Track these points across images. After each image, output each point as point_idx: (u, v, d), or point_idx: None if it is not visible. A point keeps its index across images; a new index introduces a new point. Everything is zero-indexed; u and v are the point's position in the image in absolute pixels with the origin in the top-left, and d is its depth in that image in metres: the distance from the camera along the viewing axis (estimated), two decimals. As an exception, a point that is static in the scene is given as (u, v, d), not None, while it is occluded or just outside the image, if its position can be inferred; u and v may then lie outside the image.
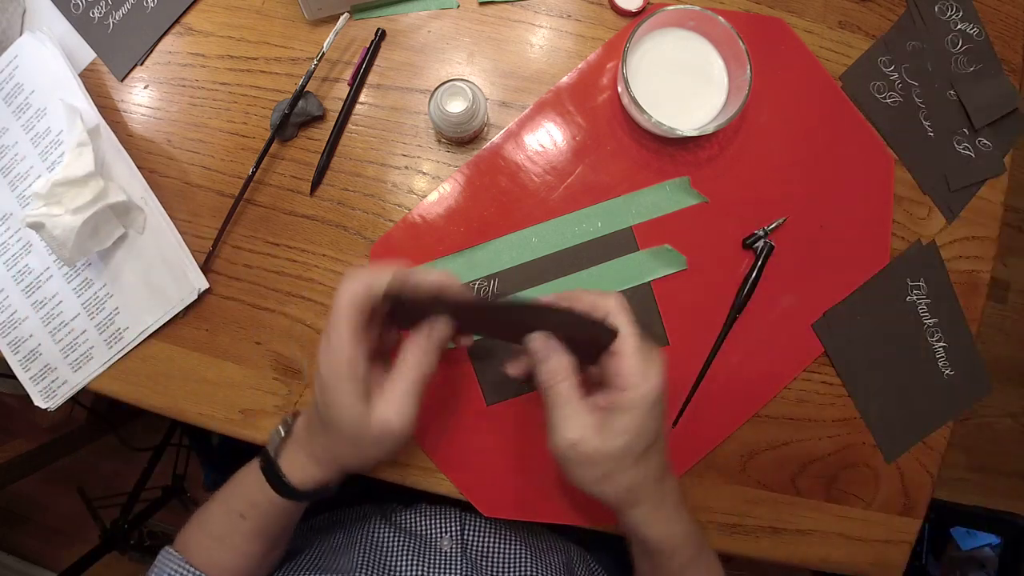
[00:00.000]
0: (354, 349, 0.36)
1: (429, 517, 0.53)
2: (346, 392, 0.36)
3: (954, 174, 0.55)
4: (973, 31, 0.56)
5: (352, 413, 0.36)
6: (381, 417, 0.36)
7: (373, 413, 0.36)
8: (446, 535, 0.52)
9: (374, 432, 0.37)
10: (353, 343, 0.36)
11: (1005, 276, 1.41)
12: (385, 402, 0.37)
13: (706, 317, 0.52)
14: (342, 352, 0.36)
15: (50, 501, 1.34)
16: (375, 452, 0.38)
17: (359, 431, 0.37)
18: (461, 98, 0.47)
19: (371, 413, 0.36)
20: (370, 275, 0.37)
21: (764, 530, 0.52)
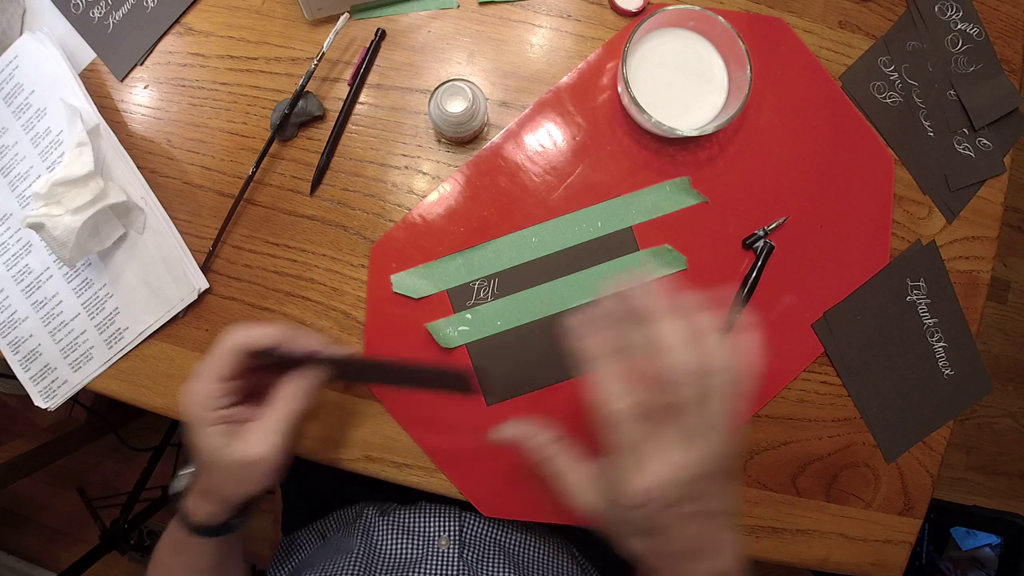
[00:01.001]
0: (216, 392, 0.38)
1: (428, 515, 0.53)
2: (207, 432, 0.38)
3: (954, 174, 0.55)
4: (973, 31, 0.56)
5: (212, 446, 0.38)
6: (245, 450, 0.38)
7: (238, 446, 0.38)
8: (444, 534, 0.52)
9: (241, 462, 0.38)
10: (216, 387, 0.38)
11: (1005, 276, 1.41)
12: (248, 433, 0.38)
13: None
14: (204, 395, 0.38)
15: (50, 501, 1.33)
16: (248, 482, 0.40)
17: (223, 460, 0.38)
18: (461, 98, 0.47)
19: (236, 447, 0.38)
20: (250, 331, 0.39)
21: (764, 530, 0.52)
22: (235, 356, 0.38)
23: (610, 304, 0.34)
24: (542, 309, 0.51)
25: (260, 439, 0.38)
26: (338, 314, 0.52)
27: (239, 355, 0.38)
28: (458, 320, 0.51)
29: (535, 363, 0.51)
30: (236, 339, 0.39)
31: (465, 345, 0.51)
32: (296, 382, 0.40)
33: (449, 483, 0.50)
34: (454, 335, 0.50)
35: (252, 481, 0.39)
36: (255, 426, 0.39)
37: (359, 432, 0.51)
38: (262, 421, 0.39)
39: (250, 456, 0.38)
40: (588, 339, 0.34)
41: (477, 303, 0.51)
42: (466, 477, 0.50)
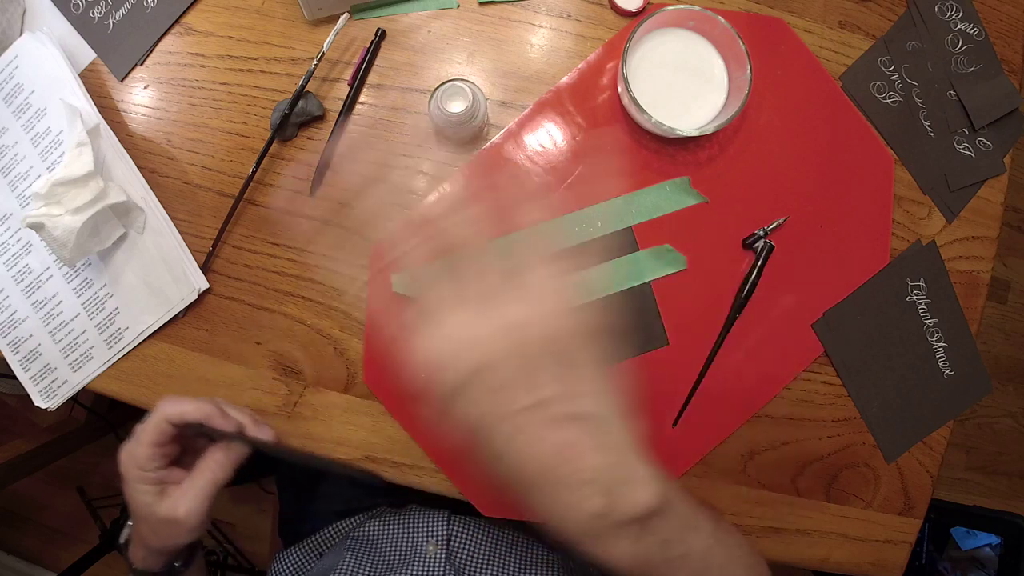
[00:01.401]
0: (149, 456, 0.42)
1: (417, 519, 0.53)
2: (139, 489, 0.42)
3: (954, 174, 0.55)
4: (973, 31, 0.56)
5: (143, 506, 0.42)
6: (169, 509, 0.42)
7: (163, 504, 0.42)
8: (432, 539, 0.52)
9: (165, 519, 0.42)
10: (149, 451, 0.42)
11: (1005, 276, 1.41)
12: (176, 497, 0.42)
13: (706, 317, 0.52)
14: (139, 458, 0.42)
15: (50, 501, 1.33)
16: (170, 536, 0.43)
17: (152, 519, 0.42)
18: (461, 98, 0.47)
19: (161, 504, 0.42)
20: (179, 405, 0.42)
21: (764, 530, 0.52)
22: (164, 427, 0.42)
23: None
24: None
25: (182, 503, 0.42)
26: (338, 314, 0.52)
27: (168, 426, 0.42)
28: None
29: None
30: (165, 411, 0.42)
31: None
32: (218, 455, 0.44)
33: (449, 483, 0.50)
34: (454, 335, 0.50)
35: (174, 536, 0.43)
36: (179, 490, 0.42)
37: (359, 432, 0.51)
38: (186, 486, 0.43)
39: (172, 516, 0.42)
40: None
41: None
42: (466, 477, 0.50)
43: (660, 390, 0.51)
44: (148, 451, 0.42)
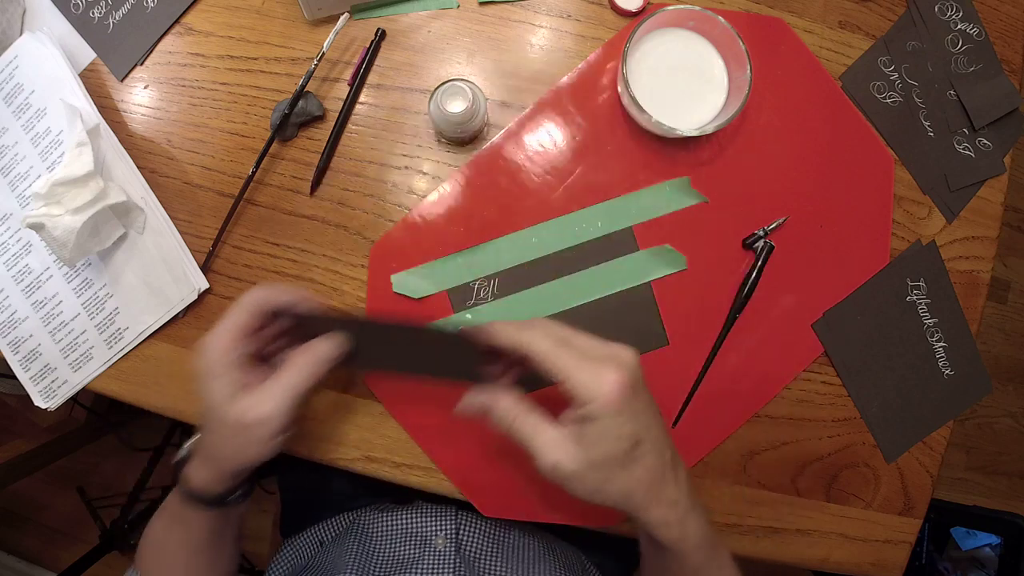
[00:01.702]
0: (227, 339, 0.38)
1: (425, 515, 0.53)
2: (218, 383, 0.38)
3: (954, 174, 0.55)
4: (973, 31, 0.56)
5: (221, 403, 0.38)
6: (253, 404, 0.38)
7: (240, 401, 0.38)
8: (441, 533, 0.52)
9: (245, 418, 0.38)
10: (228, 338, 0.38)
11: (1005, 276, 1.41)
12: (258, 394, 0.38)
13: (706, 317, 0.52)
14: (218, 348, 0.38)
15: (50, 501, 1.33)
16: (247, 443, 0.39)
17: (229, 421, 0.38)
18: (461, 98, 0.47)
19: (241, 404, 0.38)
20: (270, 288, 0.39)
21: (764, 530, 0.52)
22: (253, 312, 0.38)
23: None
24: (542, 309, 0.51)
25: (267, 398, 0.38)
26: (338, 314, 0.52)
27: (257, 311, 0.39)
28: (458, 320, 0.51)
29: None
30: (256, 295, 0.39)
31: (465, 345, 0.51)
32: (310, 352, 0.40)
33: (449, 483, 0.50)
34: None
35: (252, 444, 0.39)
36: (263, 387, 0.38)
37: (359, 432, 0.51)
38: (271, 382, 0.39)
39: (254, 415, 0.38)
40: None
41: (477, 303, 0.51)
42: (466, 477, 0.50)
43: (660, 390, 0.51)
44: (229, 338, 0.38)
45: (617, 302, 0.51)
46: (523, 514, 0.50)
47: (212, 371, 0.38)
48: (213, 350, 0.38)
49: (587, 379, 0.35)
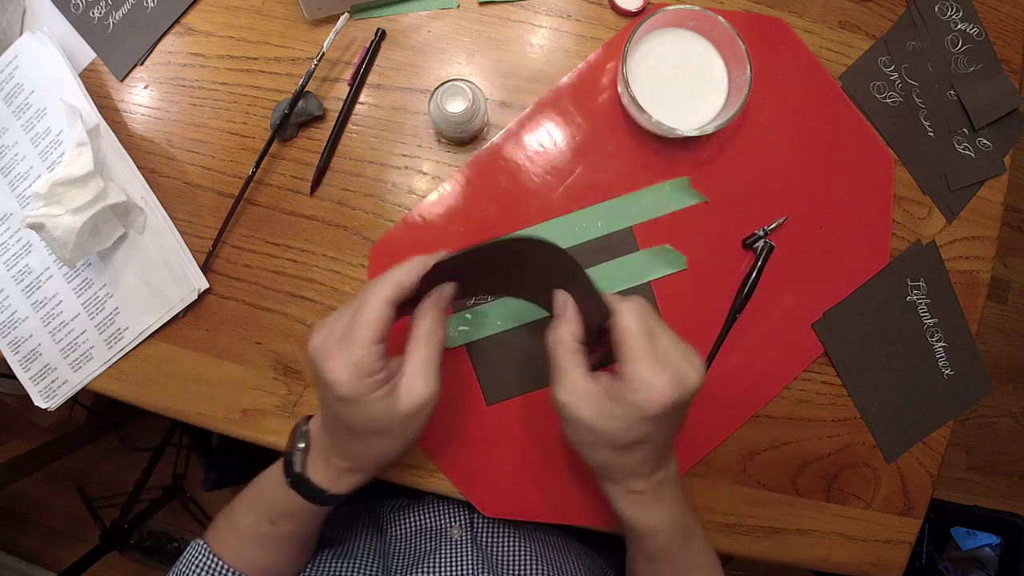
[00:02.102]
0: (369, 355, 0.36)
1: (437, 509, 0.54)
2: (376, 401, 0.36)
3: (954, 174, 0.55)
4: (973, 31, 0.56)
5: (384, 415, 0.37)
6: (409, 396, 0.37)
7: (401, 401, 0.37)
8: (456, 524, 0.52)
9: (409, 413, 0.37)
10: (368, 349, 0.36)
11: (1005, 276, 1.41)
12: (411, 384, 0.37)
13: (706, 317, 0.52)
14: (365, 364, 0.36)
15: (50, 501, 1.33)
16: (417, 430, 0.39)
17: (393, 420, 0.37)
18: (461, 98, 0.47)
19: (399, 396, 0.37)
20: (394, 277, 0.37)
21: (764, 530, 0.52)
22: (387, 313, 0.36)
23: None
24: (542, 309, 0.51)
25: (423, 380, 0.37)
26: (338, 314, 0.52)
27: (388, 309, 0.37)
28: (458, 320, 0.51)
29: (535, 363, 0.51)
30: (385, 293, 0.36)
31: (465, 345, 0.51)
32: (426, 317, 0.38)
33: (449, 483, 0.50)
34: (454, 335, 0.50)
35: (420, 427, 0.39)
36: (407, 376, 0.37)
37: (359, 432, 0.51)
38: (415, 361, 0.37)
39: (424, 397, 0.37)
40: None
41: (477, 303, 0.51)
42: (466, 477, 0.50)
43: (660, 390, 0.51)
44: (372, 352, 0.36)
45: (617, 302, 0.51)
46: (523, 514, 0.50)
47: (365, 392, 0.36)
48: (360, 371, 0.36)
49: (646, 376, 0.36)
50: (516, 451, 0.51)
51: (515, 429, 0.51)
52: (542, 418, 0.51)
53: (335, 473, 0.41)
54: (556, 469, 0.51)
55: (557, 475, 0.50)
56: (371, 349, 0.36)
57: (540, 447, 0.51)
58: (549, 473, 0.50)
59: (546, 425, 0.51)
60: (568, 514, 0.50)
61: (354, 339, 0.36)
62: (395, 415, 0.37)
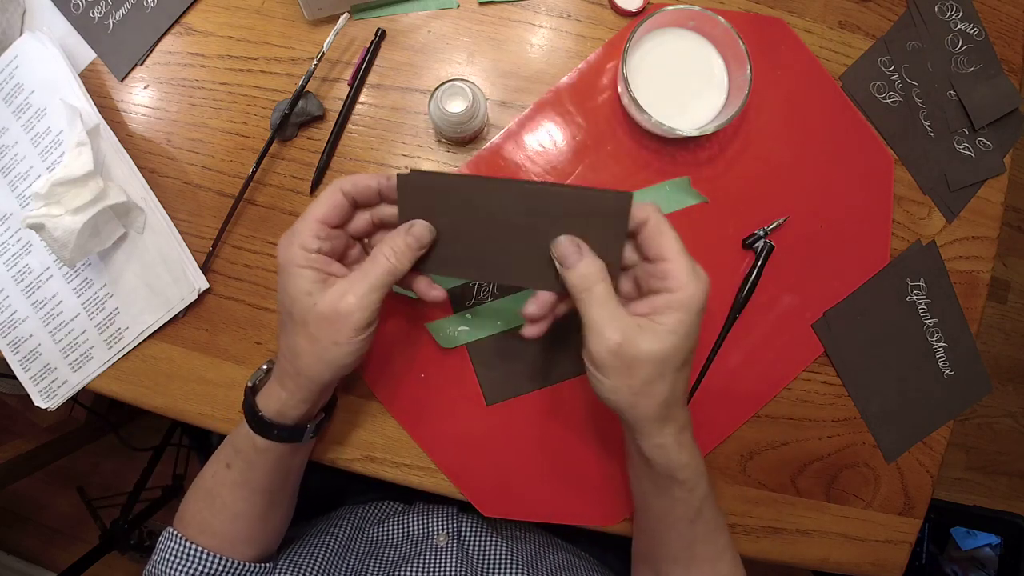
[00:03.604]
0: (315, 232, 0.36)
1: (426, 515, 0.53)
2: (299, 274, 0.36)
3: (954, 174, 0.55)
4: (973, 31, 0.56)
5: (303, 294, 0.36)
6: (336, 297, 0.36)
7: (327, 294, 0.36)
8: (442, 532, 0.52)
9: (327, 312, 0.36)
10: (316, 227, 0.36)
11: (1005, 276, 1.41)
12: (345, 285, 0.36)
13: (706, 317, 0.51)
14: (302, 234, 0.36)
15: (50, 501, 1.33)
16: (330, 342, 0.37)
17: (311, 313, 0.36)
18: (461, 98, 0.47)
19: (325, 295, 0.36)
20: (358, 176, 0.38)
21: (764, 530, 0.52)
22: (341, 200, 0.37)
23: None
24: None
25: (350, 292, 0.36)
26: (338, 314, 0.51)
27: (345, 199, 0.37)
28: (458, 320, 0.51)
29: (535, 363, 0.51)
30: (339, 183, 0.38)
31: (465, 345, 0.51)
32: (400, 238, 0.37)
33: (449, 483, 0.50)
34: (454, 335, 0.50)
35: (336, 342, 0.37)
36: (346, 279, 0.37)
37: (359, 432, 0.51)
38: (355, 275, 0.37)
39: (340, 307, 0.36)
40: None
41: (477, 303, 0.51)
42: (466, 477, 0.50)
43: (660, 390, 0.51)
44: (315, 226, 0.36)
45: (617, 302, 0.51)
46: (523, 514, 0.50)
47: (295, 261, 0.36)
48: (295, 242, 0.36)
49: (687, 268, 0.35)
50: (516, 451, 0.51)
51: (515, 429, 0.51)
52: (542, 418, 0.51)
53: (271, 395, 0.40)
54: (556, 469, 0.51)
55: (557, 475, 0.50)
56: (311, 224, 0.36)
57: (540, 447, 0.51)
58: (549, 473, 0.50)
59: (546, 425, 0.51)
60: (568, 514, 0.50)
61: (301, 218, 0.37)
62: (312, 304, 0.36)
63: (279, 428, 0.41)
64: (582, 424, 0.51)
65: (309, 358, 0.38)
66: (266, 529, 0.46)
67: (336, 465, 0.51)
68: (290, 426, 0.41)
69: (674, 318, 0.35)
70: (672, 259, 0.36)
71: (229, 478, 0.43)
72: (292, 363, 0.39)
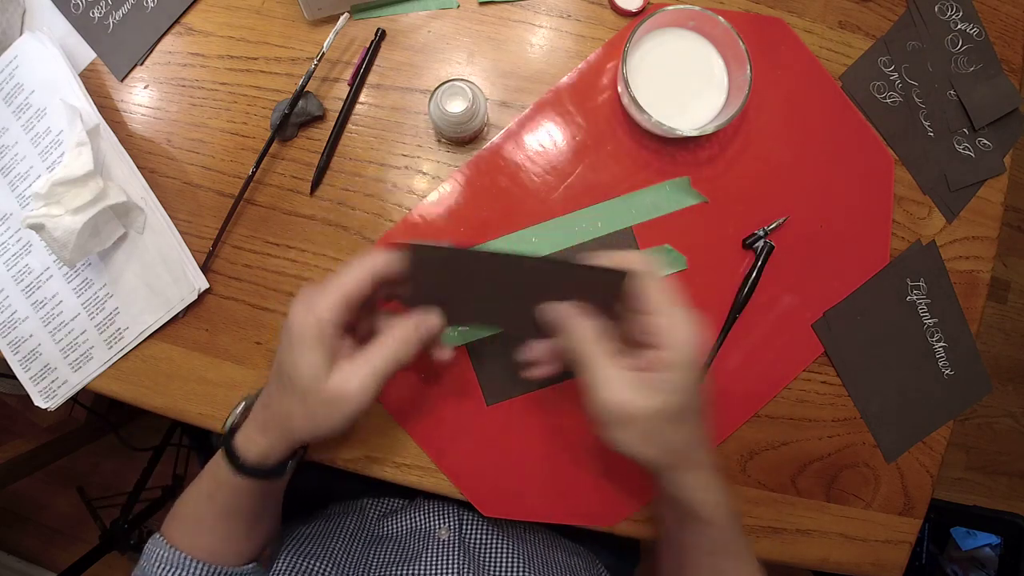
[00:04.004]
0: (336, 303, 0.36)
1: (427, 511, 0.53)
2: (312, 349, 0.36)
3: (954, 174, 0.55)
4: (973, 31, 0.56)
5: (312, 370, 0.36)
6: (340, 380, 0.36)
7: (333, 376, 0.37)
8: (444, 526, 0.52)
9: (330, 394, 0.36)
10: (338, 306, 0.36)
11: (1005, 276, 1.41)
12: (350, 369, 0.37)
13: (706, 317, 0.52)
14: (321, 312, 0.36)
15: (50, 501, 1.33)
16: (326, 418, 0.38)
17: (314, 390, 0.37)
18: (461, 98, 0.47)
19: (331, 375, 0.36)
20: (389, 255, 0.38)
21: (764, 530, 0.52)
22: (364, 282, 0.37)
23: None
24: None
25: (356, 376, 0.36)
26: (338, 314, 0.51)
27: (374, 280, 0.37)
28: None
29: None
30: (373, 263, 0.37)
31: (465, 345, 0.51)
32: (404, 330, 0.38)
33: (449, 483, 0.50)
34: (454, 335, 0.50)
35: (332, 418, 0.37)
36: (353, 363, 0.37)
37: (359, 432, 0.51)
38: (361, 359, 0.37)
39: (343, 392, 0.36)
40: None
41: (477, 303, 0.51)
42: (466, 477, 0.50)
43: (660, 390, 0.51)
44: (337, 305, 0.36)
45: (617, 302, 0.51)
46: (523, 514, 0.50)
47: (310, 334, 0.36)
48: (318, 311, 0.36)
49: (679, 322, 0.36)
50: (516, 451, 0.51)
51: (515, 429, 0.51)
52: (542, 418, 0.51)
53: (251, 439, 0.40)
54: (556, 469, 0.51)
55: (557, 475, 0.50)
56: (332, 305, 0.36)
57: (540, 447, 0.51)
58: (549, 473, 0.50)
59: (546, 425, 0.51)
60: (568, 514, 0.50)
61: (324, 291, 0.37)
62: (317, 385, 0.36)
63: (257, 469, 0.41)
64: (582, 424, 0.51)
65: (301, 423, 0.38)
66: (252, 544, 0.47)
67: (336, 465, 0.51)
68: (272, 466, 0.41)
69: (665, 376, 0.36)
70: (661, 314, 0.36)
71: (213, 509, 0.43)
72: (281, 421, 0.39)
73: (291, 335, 0.37)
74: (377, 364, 0.37)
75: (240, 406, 0.44)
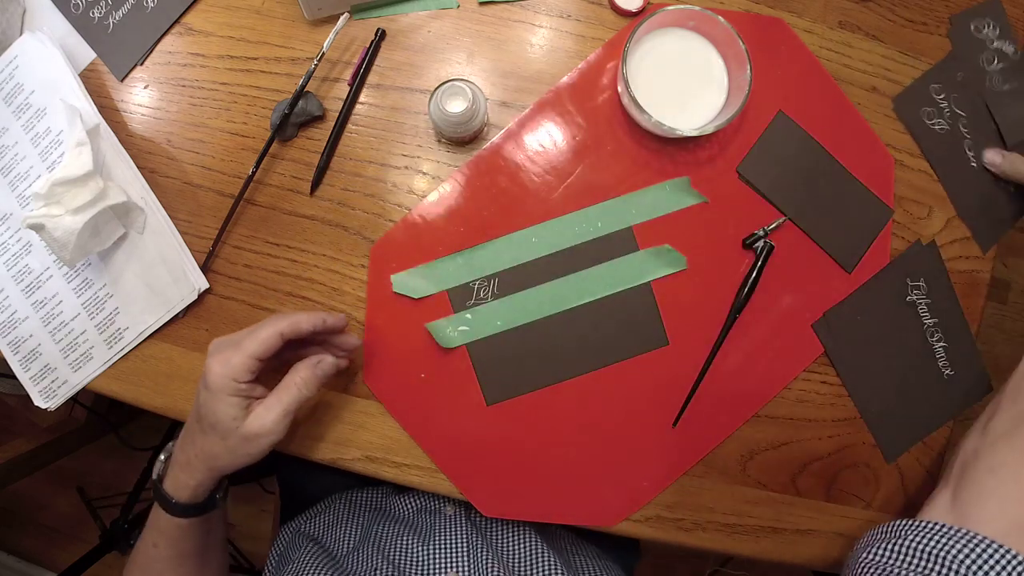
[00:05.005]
0: (248, 368, 0.41)
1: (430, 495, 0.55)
2: (229, 402, 0.41)
3: (992, 207, 0.55)
4: (1009, 49, 0.56)
5: (230, 416, 0.41)
6: (255, 421, 0.42)
7: (248, 422, 0.42)
8: (450, 503, 0.54)
9: (247, 433, 0.42)
10: (251, 363, 0.41)
11: (1005, 276, 1.41)
12: (263, 410, 0.42)
13: (706, 317, 0.52)
14: (237, 368, 0.41)
15: (50, 501, 1.33)
16: (245, 454, 0.43)
17: (234, 430, 0.42)
18: (461, 98, 0.47)
19: (247, 421, 0.42)
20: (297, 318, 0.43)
21: (764, 530, 0.52)
22: (274, 341, 0.42)
23: None
24: (542, 309, 0.51)
25: (268, 417, 0.42)
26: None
27: (278, 340, 0.42)
28: (458, 320, 0.51)
29: (535, 363, 0.51)
30: (279, 325, 0.42)
31: (465, 345, 0.51)
32: (305, 372, 0.44)
33: (449, 483, 0.50)
34: (454, 335, 0.50)
35: (250, 453, 0.43)
36: (264, 405, 0.42)
37: (359, 432, 0.51)
38: (271, 402, 0.43)
39: (257, 430, 0.42)
40: None
41: (477, 303, 0.51)
42: (466, 477, 0.50)
43: (660, 390, 0.51)
44: (249, 363, 0.41)
45: (617, 302, 0.51)
46: (523, 514, 0.50)
47: (226, 390, 0.41)
48: (233, 371, 0.41)
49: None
50: (516, 451, 0.51)
51: (515, 429, 0.51)
52: (542, 418, 0.51)
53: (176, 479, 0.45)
54: (556, 469, 0.51)
55: (557, 475, 0.50)
56: (247, 360, 0.41)
57: (540, 447, 0.51)
58: (549, 473, 0.50)
59: (546, 425, 0.51)
60: (568, 514, 0.50)
61: (239, 347, 0.42)
62: (236, 428, 0.42)
63: (194, 506, 0.45)
64: (582, 424, 0.51)
65: (224, 458, 0.43)
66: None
67: (336, 465, 0.51)
68: (203, 500, 0.46)
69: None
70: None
71: (159, 555, 0.46)
72: (204, 459, 0.43)
73: (210, 389, 0.41)
74: (286, 403, 0.43)
75: (162, 457, 0.47)
